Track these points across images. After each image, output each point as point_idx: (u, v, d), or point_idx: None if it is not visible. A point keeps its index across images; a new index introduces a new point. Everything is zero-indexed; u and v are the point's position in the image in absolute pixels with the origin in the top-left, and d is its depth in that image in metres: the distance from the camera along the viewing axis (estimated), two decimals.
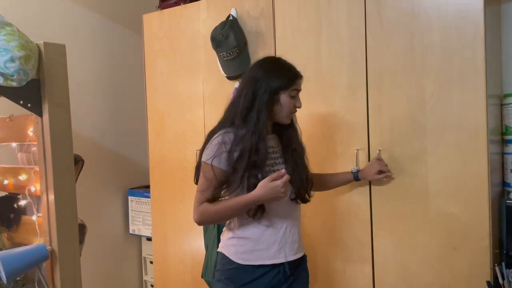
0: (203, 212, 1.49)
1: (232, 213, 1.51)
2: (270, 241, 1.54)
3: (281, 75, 1.55)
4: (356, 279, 1.97)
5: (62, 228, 1.41)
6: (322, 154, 2.04)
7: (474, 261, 1.69)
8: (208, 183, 1.48)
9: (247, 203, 1.46)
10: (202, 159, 1.51)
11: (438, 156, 1.75)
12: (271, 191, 1.43)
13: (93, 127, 2.57)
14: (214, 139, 1.51)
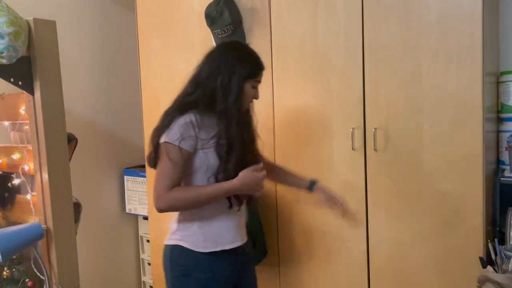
0: (174, 199, 1.42)
1: (206, 201, 1.45)
2: (229, 226, 1.53)
3: (250, 64, 1.53)
4: (351, 256, 1.99)
5: (57, 207, 1.40)
6: (317, 133, 2.03)
7: (467, 237, 1.71)
8: (173, 166, 1.40)
9: (226, 191, 1.43)
10: (166, 140, 1.42)
11: (434, 133, 1.75)
12: (252, 183, 1.43)
13: (87, 106, 2.55)
14: (180, 119, 1.43)
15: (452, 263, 1.75)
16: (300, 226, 2.13)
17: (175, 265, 1.48)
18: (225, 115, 1.45)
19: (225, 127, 1.44)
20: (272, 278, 2.25)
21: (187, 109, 1.44)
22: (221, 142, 1.44)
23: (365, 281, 1.96)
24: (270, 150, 2.19)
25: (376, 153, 1.88)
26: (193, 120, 1.41)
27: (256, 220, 2.19)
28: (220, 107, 1.45)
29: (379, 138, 1.87)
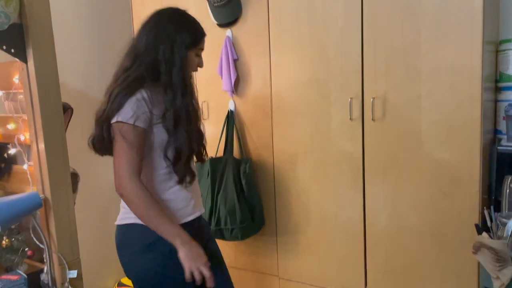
0: (142, 193, 1.34)
1: (154, 225, 1.36)
2: (188, 198, 1.51)
3: (192, 31, 1.46)
4: (348, 223, 2.01)
5: (54, 177, 1.39)
6: (315, 102, 2.02)
7: (463, 205, 1.73)
8: (130, 147, 1.33)
9: (173, 234, 1.36)
10: (119, 119, 1.33)
11: (432, 101, 1.74)
12: (195, 256, 1.36)
13: (82, 77, 2.50)
14: (131, 98, 1.34)
15: (448, 231, 1.78)
16: (297, 196, 2.14)
17: (135, 243, 1.43)
18: (170, 87, 1.39)
19: (171, 100, 1.38)
20: (269, 247, 2.28)
21: (136, 87, 1.36)
22: (168, 115, 1.38)
23: (362, 249, 1.99)
24: (268, 121, 2.18)
25: (374, 123, 1.88)
26: (145, 96, 1.35)
27: (254, 191, 2.20)
28: (164, 79, 1.39)
29: (377, 107, 1.86)
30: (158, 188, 1.46)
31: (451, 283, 1.79)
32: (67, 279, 1.44)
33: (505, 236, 1.49)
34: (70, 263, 1.46)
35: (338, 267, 2.07)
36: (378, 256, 1.95)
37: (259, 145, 2.24)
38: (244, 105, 2.25)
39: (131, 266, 1.48)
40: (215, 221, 2.17)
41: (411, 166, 1.83)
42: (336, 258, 2.07)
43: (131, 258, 1.46)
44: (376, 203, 1.93)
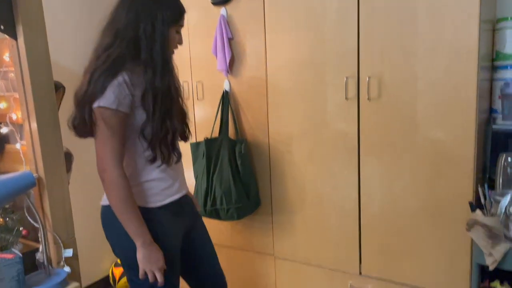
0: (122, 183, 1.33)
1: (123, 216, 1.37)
2: (173, 177, 1.51)
3: (173, 7, 1.42)
4: (343, 203, 2.02)
5: (47, 155, 1.38)
6: (311, 82, 2.01)
7: (458, 184, 1.74)
8: (112, 132, 1.32)
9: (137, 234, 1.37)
10: (101, 104, 1.30)
11: (428, 81, 1.74)
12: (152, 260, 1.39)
13: (74, 56, 2.47)
14: (113, 81, 1.31)
15: (442, 209, 1.79)
16: (293, 176, 2.15)
17: (118, 222, 1.40)
18: (150, 66, 1.36)
19: (151, 78, 1.36)
20: (265, 227, 2.29)
21: (118, 68, 1.33)
22: (147, 95, 1.35)
23: (356, 229, 2.00)
24: (263, 102, 2.16)
25: (369, 102, 1.87)
26: (127, 79, 1.32)
27: (249, 171, 2.20)
28: (145, 57, 1.36)
29: (373, 87, 1.85)
30: (143, 169, 1.45)
31: (445, 261, 1.81)
32: (62, 258, 1.44)
33: (499, 213, 1.50)
34: (66, 242, 1.46)
35: (333, 246, 2.09)
36: (373, 235, 1.97)
37: (254, 126, 2.23)
38: (239, 86, 2.23)
39: (119, 246, 1.49)
40: (211, 201, 2.17)
41: (406, 146, 1.83)
42: (331, 237, 2.08)
43: (118, 238, 1.47)
44: (371, 183, 1.94)
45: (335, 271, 2.11)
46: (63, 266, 1.43)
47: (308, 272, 2.20)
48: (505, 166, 1.63)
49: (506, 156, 1.63)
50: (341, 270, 2.09)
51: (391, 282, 1.96)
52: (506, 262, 1.42)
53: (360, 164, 1.95)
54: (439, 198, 1.79)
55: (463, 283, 1.79)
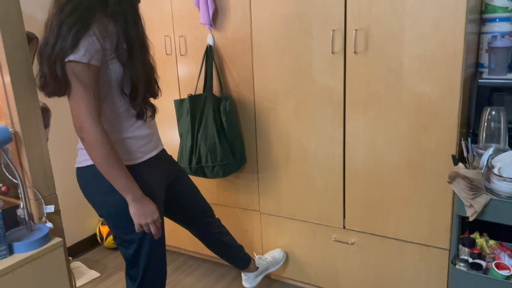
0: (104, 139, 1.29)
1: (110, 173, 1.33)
2: (150, 134, 1.50)
3: None
4: (328, 159, 2.02)
5: (22, 110, 1.33)
6: (297, 36, 1.95)
7: (441, 138, 1.74)
8: (85, 88, 1.26)
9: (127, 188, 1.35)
10: (71, 59, 1.24)
11: (415, 34, 1.70)
12: (146, 213, 1.39)
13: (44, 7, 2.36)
14: (85, 32, 1.24)
15: (425, 164, 1.80)
16: (278, 133, 2.13)
17: (104, 183, 1.38)
18: (121, 16, 1.30)
19: (124, 30, 1.29)
20: (250, 184, 2.29)
21: (88, 21, 1.25)
22: (121, 47, 1.30)
23: (341, 184, 2.02)
24: (248, 57, 2.11)
25: (356, 56, 1.84)
26: (97, 32, 1.25)
27: (234, 129, 2.17)
28: (114, 7, 1.29)
29: (360, 40, 1.81)
30: (121, 127, 1.42)
31: (427, 214, 1.85)
32: (44, 214, 1.42)
33: (480, 166, 1.52)
34: (46, 198, 1.44)
35: (317, 201, 2.11)
36: (357, 190, 1.99)
37: (239, 82, 2.18)
38: (224, 40, 2.16)
39: (103, 206, 1.48)
40: (196, 159, 2.16)
41: (391, 101, 1.81)
42: (316, 193, 2.10)
43: (102, 197, 1.45)
44: (355, 139, 1.93)
45: (319, 225, 2.14)
46: (45, 222, 1.41)
47: (293, 227, 2.23)
48: (489, 120, 1.63)
49: (490, 110, 1.62)
50: (325, 224, 2.12)
51: (374, 235, 2.01)
52: (486, 213, 1.44)
53: (345, 120, 1.94)
54: (422, 152, 1.80)
55: (444, 234, 1.83)
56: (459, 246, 1.65)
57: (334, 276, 2.18)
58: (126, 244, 1.52)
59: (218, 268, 2.57)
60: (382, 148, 1.88)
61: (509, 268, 1.49)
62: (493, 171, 1.45)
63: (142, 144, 1.47)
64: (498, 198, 1.42)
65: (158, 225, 1.45)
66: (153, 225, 1.42)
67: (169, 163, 1.67)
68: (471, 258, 1.59)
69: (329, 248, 2.15)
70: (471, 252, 1.62)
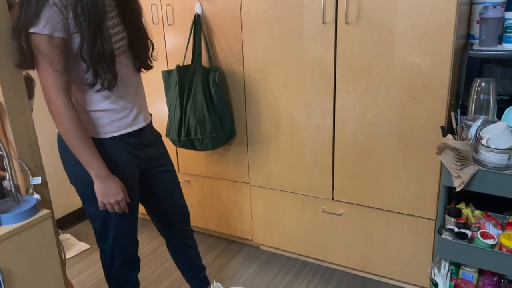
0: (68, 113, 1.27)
1: (75, 148, 1.32)
2: (126, 108, 1.44)
3: None
4: (318, 131, 2.02)
5: (5, 80, 1.28)
6: (287, 5, 1.91)
7: (431, 110, 1.75)
8: (49, 60, 1.23)
9: (89, 164, 1.34)
10: (33, 30, 1.19)
11: (407, 3, 1.67)
12: (109, 192, 1.37)
13: None
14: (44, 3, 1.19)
15: (414, 135, 1.81)
16: (268, 105, 2.11)
17: (70, 153, 1.37)
18: None
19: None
20: (240, 156, 2.29)
21: None
22: (76, 13, 1.23)
23: (330, 156, 2.03)
24: (237, 27, 2.07)
25: (347, 26, 1.81)
26: (57, 1, 1.20)
27: (223, 101, 2.15)
28: None
29: (351, 9, 1.78)
30: (90, 98, 1.38)
31: (414, 185, 1.87)
32: (31, 185, 1.40)
33: (469, 138, 1.52)
34: (33, 170, 1.41)
35: (307, 173, 2.11)
36: (346, 162, 2.00)
37: (229, 53, 2.14)
38: (212, 9, 2.11)
39: (71, 175, 1.48)
40: (185, 131, 2.14)
41: (382, 72, 1.80)
42: (305, 165, 2.10)
43: (70, 167, 1.45)
44: (345, 111, 1.93)
45: (309, 196, 2.16)
46: (32, 194, 1.39)
47: (282, 198, 2.24)
48: (478, 91, 1.63)
49: (480, 81, 1.62)
50: (314, 196, 2.14)
51: (362, 206, 2.03)
52: (473, 184, 1.46)
53: (335, 92, 1.93)
54: (412, 124, 1.80)
55: (430, 205, 1.86)
56: (445, 216, 1.68)
57: (323, 246, 2.21)
58: (93, 217, 1.53)
59: (208, 240, 2.59)
60: (372, 120, 1.88)
61: (493, 237, 1.53)
62: (481, 142, 1.46)
63: (115, 118, 1.42)
64: (486, 168, 1.44)
65: (123, 205, 1.43)
66: (116, 205, 1.41)
67: (154, 145, 1.59)
68: (457, 228, 1.62)
69: (318, 219, 2.17)
70: (457, 222, 1.65)
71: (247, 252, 2.45)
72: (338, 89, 1.91)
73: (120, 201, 1.42)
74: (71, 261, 2.46)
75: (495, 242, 1.52)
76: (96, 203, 1.44)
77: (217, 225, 2.54)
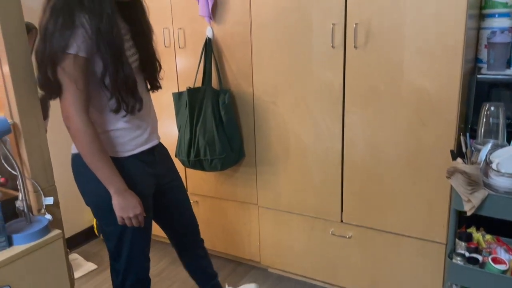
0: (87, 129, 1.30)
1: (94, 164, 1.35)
2: (141, 127, 1.48)
3: None
4: (326, 153, 2.02)
5: (22, 101, 1.32)
6: (296, 30, 1.95)
7: (440, 133, 1.75)
8: (74, 79, 1.26)
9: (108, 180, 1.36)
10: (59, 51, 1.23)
11: (416, 28, 1.70)
12: (128, 207, 1.39)
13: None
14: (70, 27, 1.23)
15: (424, 159, 1.81)
16: (277, 127, 2.13)
17: (88, 172, 1.38)
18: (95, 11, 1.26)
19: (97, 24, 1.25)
20: (248, 177, 2.30)
21: (72, 15, 1.24)
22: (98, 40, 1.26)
23: (339, 178, 2.03)
24: (247, 50, 2.11)
25: (356, 50, 1.83)
26: (83, 22, 1.24)
27: (233, 122, 2.17)
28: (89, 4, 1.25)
29: (360, 34, 1.81)
30: (108, 119, 1.41)
31: (424, 208, 1.86)
32: (43, 206, 1.42)
33: (479, 161, 1.52)
34: (45, 190, 1.43)
35: (315, 195, 2.11)
36: (355, 184, 2.00)
37: (238, 76, 2.18)
38: (223, 33, 2.15)
39: (88, 194, 1.49)
40: (195, 152, 2.16)
41: (391, 95, 1.82)
42: (314, 187, 2.10)
43: (87, 186, 1.46)
44: (354, 133, 1.94)
45: (317, 219, 2.15)
46: (44, 214, 1.41)
47: (291, 220, 2.24)
48: (487, 115, 1.64)
49: (489, 105, 1.63)
50: (323, 218, 2.13)
51: (371, 229, 2.02)
52: (484, 208, 1.45)
53: (344, 114, 1.94)
54: (421, 148, 1.80)
55: (441, 229, 1.85)
56: (456, 240, 1.66)
57: (331, 269, 2.19)
58: (108, 236, 1.54)
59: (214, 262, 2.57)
60: (380, 143, 1.89)
61: (505, 262, 1.51)
62: (491, 166, 1.46)
63: (131, 137, 1.45)
64: (496, 193, 1.43)
65: (141, 219, 1.44)
66: (135, 219, 1.43)
67: (165, 162, 1.63)
68: (468, 253, 1.60)
69: (327, 242, 2.16)
70: (468, 246, 1.63)
71: (255, 275, 2.43)
72: (347, 112, 1.93)
73: (138, 215, 1.43)
74: (78, 281, 2.46)
75: (507, 267, 1.50)
76: (112, 221, 1.45)
77: (225, 247, 2.53)
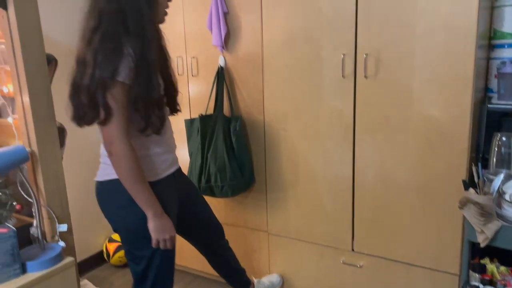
0: (130, 155, 1.34)
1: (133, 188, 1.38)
2: (169, 150, 1.56)
3: None
4: (337, 180, 2.03)
5: (40, 130, 1.36)
6: (307, 59, 1.99)
7: (452, 163, 1.75)
8: (120, 105, 1.30)
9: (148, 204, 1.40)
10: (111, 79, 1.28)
11: (425, 59, 1.72)
12: (164, 229, 1.44)
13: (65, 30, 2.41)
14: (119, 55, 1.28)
15: (435, 188, 1.80)
16: (287, 153, 2.15)
17: (121, 197, 1.41)
18: (139, 37, 1.31)
19: (141, 50, 1.31)
20: (259, 204, 2.30)
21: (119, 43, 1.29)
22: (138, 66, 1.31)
23: (350, 206, 2.02)
24: (259, 78, 2.14)
25: (366, 80, 1.86)
26: (130, 51, 1.30)
27: (244, 149, 2.19)
28: (134, 30, 1.31)
29: (370, 64, 1.83)
30: (141, 144, 1.45)
31: (437, 238, 1.84)
32: (57, 233, 1.44)
33: (491, 192, 1.52)
34: (60, 217, 1.45)
35: (326, 223, 2.10)
36: (366, 212, 1.99)
37: (250, 103, 2.21)
38: (235, 61, 2.20)
39: (120, 221, 1.51)
40: (205, 178, 2.17)
41: (401, 124, 1.83)
42: (324, 214, 2.10)
43: (120, 212, 1.48)
44: (365, 161, 1.94)
45: (328, 247, 2.13)
46: (58, 241, 1.42)
47: (301, 248, 2.22)
48: (499, 145, 1.64)
49: (500, 135, 1.63)
50: (334, 247, 2.11)
51: (383, 258, 2.00)
52: (497, 239, 1.44)
53: (355, 142, 1.95)
54: (432, 176, 1.80)
55: (453, 259, 1.82)
56: (469, 271, 1.64)
57: None
58: (137, 260, 1.54)
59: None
60: (391, 171, 1.89)
61: None
62: (504, 197, 1.45)
63: (161, 161, 1.52)
64: (510, 224, 1.42)
65: (174, 241, 1.49)
66: (170, 241, 1.47)
67: (184, 181, 1.72)
68: (482, 284, 1.58)
69: (337, 271, 2.13)
70: (482, 278, 1.61)
71: None
72: (357, 139, 1.94)
73: (173, 237, 1.48)
74: None
75: None
76: (143, 245, 1.47)
77: None
